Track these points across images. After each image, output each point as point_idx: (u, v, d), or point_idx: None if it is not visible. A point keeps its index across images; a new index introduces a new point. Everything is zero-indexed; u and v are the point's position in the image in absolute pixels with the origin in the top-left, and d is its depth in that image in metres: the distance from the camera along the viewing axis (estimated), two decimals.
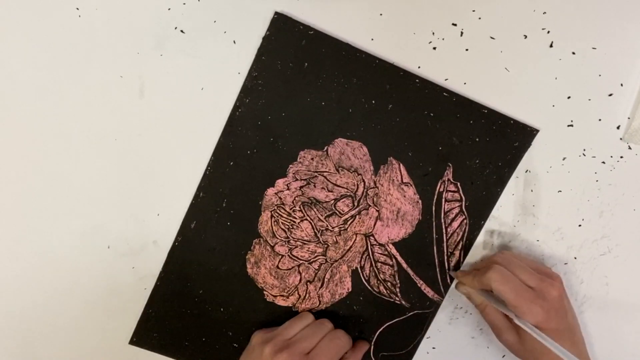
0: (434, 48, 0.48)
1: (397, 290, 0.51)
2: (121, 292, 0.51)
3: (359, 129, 0.49)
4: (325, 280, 0.51)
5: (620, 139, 0.49)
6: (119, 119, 0.48)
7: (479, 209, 0.50)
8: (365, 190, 0.49)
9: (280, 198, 0.49)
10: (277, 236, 0.50)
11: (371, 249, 0.50)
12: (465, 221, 0.50)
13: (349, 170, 0.49)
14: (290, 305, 0.51)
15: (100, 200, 0.50)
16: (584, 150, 0.50)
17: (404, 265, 0.51)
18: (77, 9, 0.47)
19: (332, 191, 0.49)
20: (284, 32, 0.47)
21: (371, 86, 0.48)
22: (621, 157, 0.50)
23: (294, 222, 0.50)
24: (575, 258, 0.51)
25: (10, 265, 0.51)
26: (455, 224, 0.50)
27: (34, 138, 0.49)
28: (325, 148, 0.49)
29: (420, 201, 0.50)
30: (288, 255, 0.50)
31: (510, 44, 0.48)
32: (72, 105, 0.48)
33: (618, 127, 0.49)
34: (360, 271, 0.51)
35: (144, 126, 0.49)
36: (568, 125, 0.49)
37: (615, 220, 0.51)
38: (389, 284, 0.51)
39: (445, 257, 0.51)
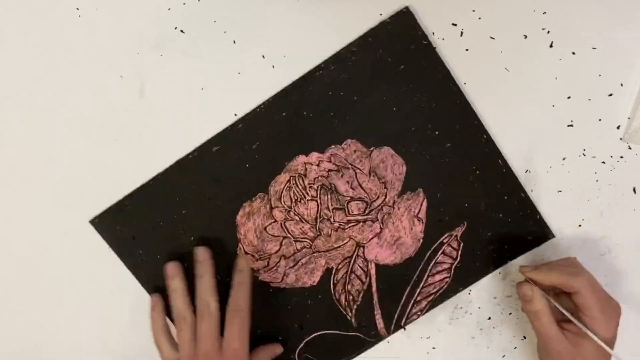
0: (434, 48, 0.48)
1: (355, 307, 0.51)
2: (121, 294, 0.51)
3: (409, 149, 0.49)
4: (299, 263, 0.50)
5: (620, 139, 0.49)
6: (119, 119, 0.48)
7: (464, 276, 0.51)
8: (382, 204, 0.49)
9: (306, 169, 0.49)
10: (282, 202, 0.49)
11: (355, 258, 0.50)
12: (447, 279, 0.51)
13: (380, 179, 0.49)
14: (255, 268, 0.50)
15: (100, 200, 0.50)
16: (584, 150, 0.50)
17: (374, 288, 0.51)
18: (77, 9, 0.47)
19: (354, 189, 0.49)
20: (402, 27, 0.47)
21: (444, 118, 0.48)
22: (621, 157, 0.50)
23: (304, 197, 0.49)
24: (575, 258, 0.51)
25: (8, 265, 0.51)
26: (437, 277, 0.51)
27: (34, 138, 0.49)
28: (372, 148, 0.49)
29: (422, 241, 0.50)
30: (281, 223, 0.50)
31: (510, 44, 0.48)
32: (72, 105, 0.48)
33: (618, 127, 0.49)
34: (333, 272, 0.51)
35: (144, 126, 0.49)
36: (568, 125, 0.49)
37: (615, 220, 0.51)
38: (351, 297, 0.51)
39: (412, 302, 0.51)
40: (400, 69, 0.48)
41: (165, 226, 0.50)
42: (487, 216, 0.50)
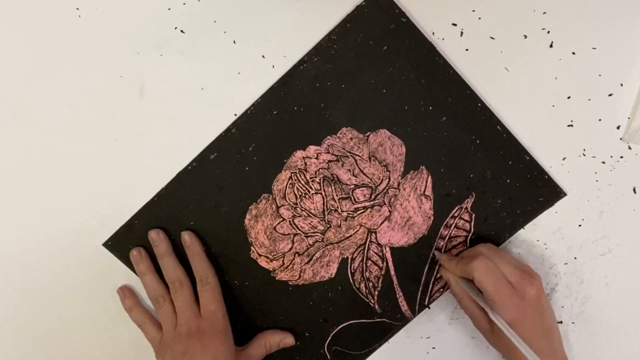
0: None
1: (376, 293, 0.51)
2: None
3: (406, 128, 0.49)
4: (314, 258, 0.50)
5: (620, 139, 0.49)
6: (119, 119, 0.48)
7: None
8: (387, 187, 0.49)
9: (305, 164, 0.49)
10: (287, 199, 0.49)
11: (369, 245, 0.50)
12: None
13: (381, 163, 0.49)
14: (270, 269, 0.51)
15: (99, 200, 0.50)
16: (584, 150, 0.50)
17: (392, 272, 0.51)
18: (77, 9, 0.47)
19: (356, 176, 0.49)
20: (378, 9, 0.47)
21: (435, 93, 0.48)
22: (621, 157, 0.50)
23: (309, 192, 0.49)
24: (575, 258, 0.51)
25: (8, 263, 0.51)
26: (454, 252, 0.50)
27: (34, 138, 0.49)
28: (368, 133, 0.49)
29: (432, 218, 0.50)
30: (289, 221, 0.50)
31: (510, 44, 0.48)
32: (72, 105, 0.48)
33: (618, 127, 0.49)
34: (349, 262, 0.51)
35: (144, 126, 0.49)
36: (568, 125, 0.49)
37: (615, 220, 0.51)
38: (370, 284, 0.51)
39: (432, 280, 0.51)
40: (384, 50, 0.47)
41: (176, 239, 0.50)
42: (494, 184, 0.49)
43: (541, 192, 0.50)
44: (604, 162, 0.50)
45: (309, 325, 0.52)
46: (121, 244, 0.50)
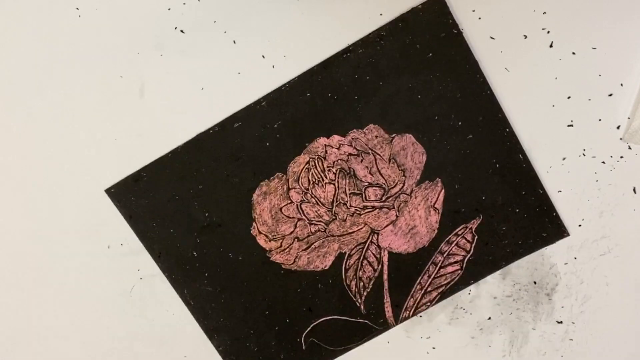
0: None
1: (364, 293, 0.51)
2: (121, 294, 0.51)
3: (431, 138, 0.49)
4: (312, 246, 0.50)
5: (620, 139, 0.49)
6: (119, 119, 0.49)
7: (476, 269, 0.50)
8: (399, 192, 0.49)
9: (326, 151, 0.49)
10: (300, 183, 0.49)
11: (369, 245, 0.50)
12: (458, 272, 0.51)
13: (399, 167, 0.49)
14: (267, 249, 0.51)
15: (99, 200, 0.50)
16: (584, 150, 0.50)
17: (385, 276, 0.51)
18: (77, 9, 0.47)
19: (372, 175, 0.49)
20: (433, 15, 0.47)
21: (468, 110, 0.48)
22: (621, 157, 0.50)
23: (322, 180, 0.49)
24: (575, 258, 0.51)
25: (8, 265, 0.51)
26: (449, 269, 0.50)
27: (34, 138, 0.49)
28: (394, 135, 0.49)
29: (436, 231, 0.50)
30: (297, 204, 0.50)
31: (510, 44, 0.48)
32: (72, 105, 0.48)
33: (618, 127, 0.49)
34: (346, 257, 0.51)
35: (144, 126, 0.49)
36: (568, 125, 0.49)
37: (615, 220, 0.51)
38: (361, 284, 0.51)
39: (422, 292, 0.51)
40: (429, 56, 0.47)
41: (180, 200, 0.49)
42: (503, 210, 0.50)
43: (546, 228, 0.50)
44: (604, 162, 0.50)
45: (291, 312, 0.52)
46: (125, 193, 0.49)
